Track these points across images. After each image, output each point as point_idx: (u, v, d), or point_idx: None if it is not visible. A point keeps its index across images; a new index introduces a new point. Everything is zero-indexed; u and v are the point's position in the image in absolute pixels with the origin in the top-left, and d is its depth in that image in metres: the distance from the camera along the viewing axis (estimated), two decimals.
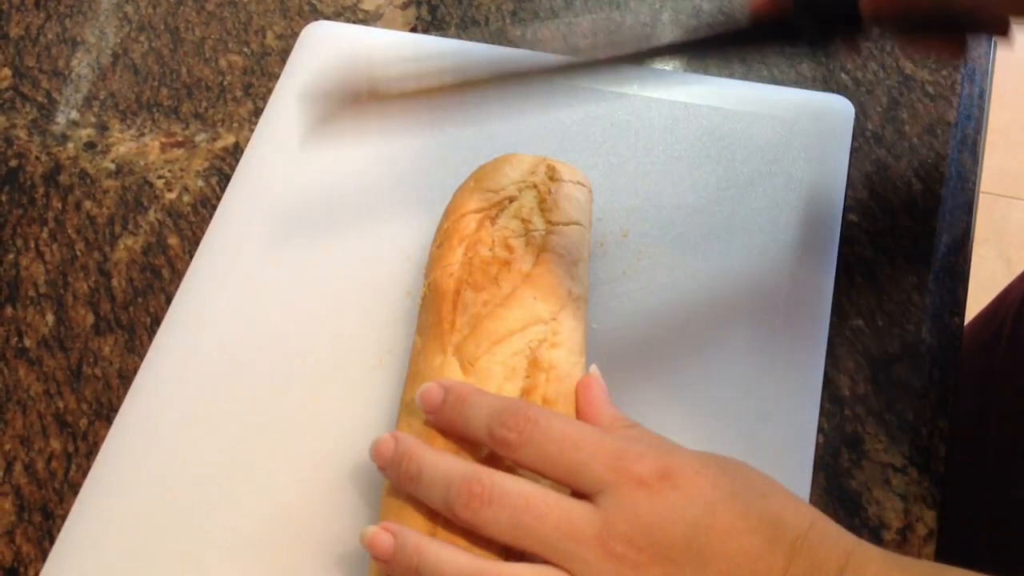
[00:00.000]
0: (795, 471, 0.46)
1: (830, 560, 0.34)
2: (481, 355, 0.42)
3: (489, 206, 0.48)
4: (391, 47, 0.61)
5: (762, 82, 0.60)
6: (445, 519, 0.38)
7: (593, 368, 0.43)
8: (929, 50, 0.48)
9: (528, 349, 0.43)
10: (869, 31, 0.44)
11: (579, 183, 0.49)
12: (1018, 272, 0.69)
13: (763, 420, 0.47)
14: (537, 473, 0.38)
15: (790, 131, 0.56)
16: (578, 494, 0.37)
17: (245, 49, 0.64)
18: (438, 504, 0.38)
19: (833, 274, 0.52)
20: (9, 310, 0.54)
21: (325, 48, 0.62)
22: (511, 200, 0.48)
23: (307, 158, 0.57)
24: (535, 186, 0.48)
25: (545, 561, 0.36)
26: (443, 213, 0.49)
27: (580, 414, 0.41)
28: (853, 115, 0.57)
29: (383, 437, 0.40)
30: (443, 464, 0.38)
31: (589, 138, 0.57)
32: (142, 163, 0.60)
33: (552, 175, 0.48)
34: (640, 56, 0.46)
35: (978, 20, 0.43)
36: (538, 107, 0.58)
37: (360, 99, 0.45)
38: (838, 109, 0.57)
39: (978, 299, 0.65)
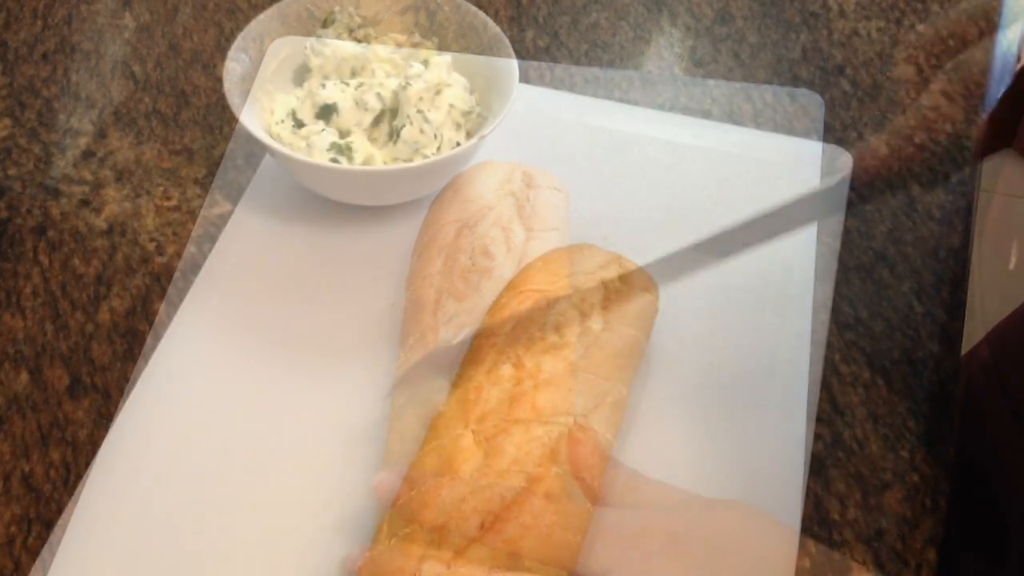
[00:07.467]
0: (785, 478, 0.46)
1: None
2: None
3: (468, 215, 0.47)
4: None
5: (758, 84, 0.61)
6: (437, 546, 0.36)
7: (580, 432, 0.40)
8: None
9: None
10: None
11: (556, 189, 0.49)
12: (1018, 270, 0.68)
13: (756, 403, 0.48)
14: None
15: (761, 131, 0.58)
16: None
17: None
18: None
19: (814, 256, 0.52)
20: None
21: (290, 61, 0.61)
22: (490, 208, 0.47)
23: (283, 169, 0.56)
24: (513, 193, 0.48)
25: None
26: (422, 224, 0.49)
27: (579, 477, 0.39)
28: (822, 105, 0.58)
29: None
30: None
31: (563, 143, 0.57)
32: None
33: (529, 182, 0.48)
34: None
35: None
36: (511, 114, 0.58)
37: None
38: (804, 98, 0.58)
39: (977, 297, 0.65)
